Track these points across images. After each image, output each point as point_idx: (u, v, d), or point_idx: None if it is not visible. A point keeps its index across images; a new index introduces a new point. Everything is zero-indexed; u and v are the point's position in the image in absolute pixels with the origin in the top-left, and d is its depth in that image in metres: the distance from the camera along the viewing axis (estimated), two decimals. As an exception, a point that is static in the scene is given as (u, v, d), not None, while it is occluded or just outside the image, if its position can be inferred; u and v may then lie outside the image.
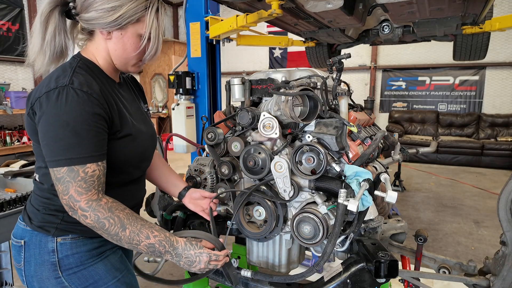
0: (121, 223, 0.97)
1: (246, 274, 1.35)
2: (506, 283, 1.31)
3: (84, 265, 1.08)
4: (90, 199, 0.95)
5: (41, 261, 1.06)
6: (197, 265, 1.06)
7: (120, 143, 1.06)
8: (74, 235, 1.07)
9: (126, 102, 1.15)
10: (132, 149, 1.11)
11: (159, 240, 1.01)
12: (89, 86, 0.96)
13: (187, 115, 3.81)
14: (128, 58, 1.09)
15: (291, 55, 9.63)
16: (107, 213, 0.96)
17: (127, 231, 0.97)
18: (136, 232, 0.98)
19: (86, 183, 0.94)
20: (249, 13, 2.68)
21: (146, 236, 0.99)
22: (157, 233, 1.02)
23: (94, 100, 0.96)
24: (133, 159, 1.13)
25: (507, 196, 1.28)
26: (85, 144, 0.94)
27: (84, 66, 1.04)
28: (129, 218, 0.99)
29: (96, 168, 0.96)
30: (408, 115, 8.30)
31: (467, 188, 5.53)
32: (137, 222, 1.00)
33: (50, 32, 1.04)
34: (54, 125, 0.93)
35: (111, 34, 1.05)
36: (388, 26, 3.13)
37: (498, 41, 7.42)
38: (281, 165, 1.26)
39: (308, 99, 1.31)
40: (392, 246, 1.65)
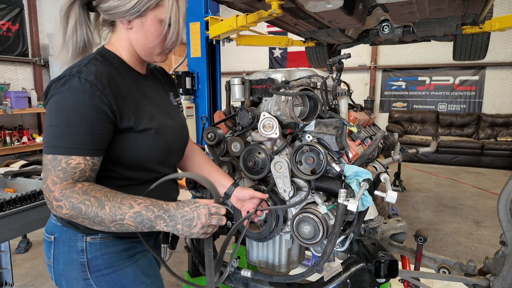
0: (98, 202, 0.88)
1: (246, 274, 1.36)
2: (506, 283, 1.31)
3: (114, 267, 1.03)
4: (64, 188, 0.88)
5: (69, 260, 1.01)
6: (197, 222, 0.93)
7: (139, 138, 1.00)
8: (104, 234, 1.02)
9: (150, 94, 1.10)
10: (155, 143, 1.04)
11: (145, 206, 0.91)
12: (96, 76, 0.92)
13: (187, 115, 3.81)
14: (151, 47, 1.04)
15: (291, 55, 9.63)
16: (82, 196, 0.88)
17: (106, 208, 0.88)
18: (117, 206, 0.89)
19: (65, 173, 0.88)
20: (249, 13, 2.68)
21: (129, 206, 0.90)
22: (141, 200, 0.92)
23: (97, 91, 0.90)
24: (157, 154, 1.06)
25: (507, 196, 1.28)
26: (74, 135, 0.88)
27: (102, 58, 1.00)
28: (107, 195, 0.90)
29: (81, 162, 0.89)
30: (408, 115, 8.30)
31: (467, 188, 5.53)
32: (117, 196, 0.91)
33: (71, 26, 1.01)
34: (51, 111, 0.90)
35: (131, 23, 1.01)
36: (388, 26, 3.13)
37: (498, 41, 7.43)
38: (281, 165, 1.26)
39: (308, 99, 1.31)
40: (392, 246, 1.65)
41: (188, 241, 1.67)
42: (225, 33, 3.26)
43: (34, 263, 3.05)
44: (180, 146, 1.20)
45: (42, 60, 7.28)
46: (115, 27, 1.05)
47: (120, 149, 0.98)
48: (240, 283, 1.39)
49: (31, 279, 2.78)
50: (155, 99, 1.11)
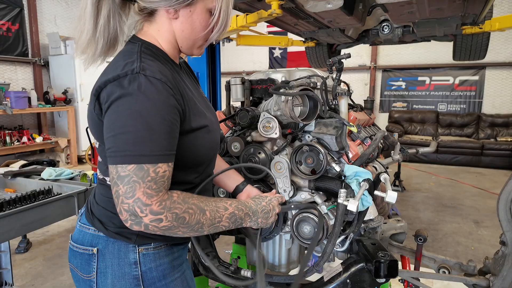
0: (200, 208, 0.87)
1: (246, 274, 1.35)
2: (506, 283, 1.31)
3: (166, 279, 0.96)
4: (162, 200, 0.80)
5: (120, 274, 0.92)
6: (272, 213, 1.06)
7: (198, 137, 0.93)
8: (156, 243, 0.95)
9: (192, 88, 1.01)
10: (209, 141, 0.99)
11: (236, 206, 0.97)
12: (162, 74, 0.83)
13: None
14: (196, 39, 0.96)
15: (291, 55, 9.63)
16: (184, 205, 0.84)
17: (207, 213, 0.88)
18: (215, 210, 0.90)
19: (157, 183, 0.80)
20: (249, 13, 2.68)
21: (224, 208, 0.93)
22: (230, 201, 0.97)
23: (169, 90, 0.83)
24: (210, 151, 1.02)
25: (506, 196, 1.28)
26: (157, 140, 0.79)
27: (148, 51, 0.90)
28: (202, 201, 0.89)
29: (167, 169, 0.82)
30: (408, 115, 8.30)
31: (467, 188, 5.53)
32: (209, 201, 0.91)
33: (104, 16, 0.88)
34: (123, 115, 0.78)
35: (178, 13, 0.91)
36: (388, 26, 3.13)
37: (498, 41, 7.43)
38: (281, 165, 1.26)
39: (308, 99, 1.31)
40: (392, 246, 1.65)
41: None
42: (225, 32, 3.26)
43: (34, 263, 3.05)
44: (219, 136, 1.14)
45: (42, 60, 7.28)
46: (154, 16, 0.94)
47: (182, 151, 0.90)
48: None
49: (31, 279, 2.78)
50: (195, 92, 1.03)
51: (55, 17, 7.61)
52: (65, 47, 6.96)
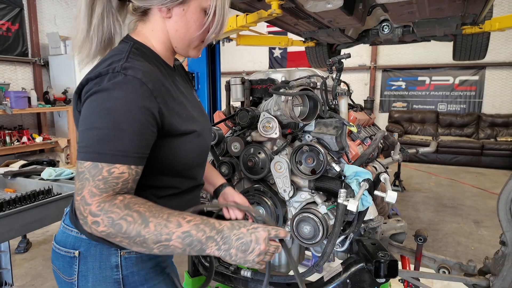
0: (142, 218, 0.75)
1: (246, 274, 1.36)
2: (506, 283, 1.31)
3: (148, 283, 0.94)
4: (103, 201, 0.75)
5: (102, 277, 0.90)
6: (254, 247, 0.79)
7: (185, 141, 0.91)
8: None
9: (184, 91, 0.99)
10: (198, 146, 0.96)
11: (195, 225, 0.76)
12: (145, 74, 0.81)
13: (187, 115, 3.82)
14: (191, 39, 0.93)
15: (291, 55, 9.63)
16: (123, 211, 0.75)
17: (151, 226, 0.74)
18: (163, 224, 0.75)
19: (106, 184, 0.76)
20: (249, 13, 2.68)
21: (176, 224, 0.76)
22: (191, 217, 0.78)
23: (147, 91, 0.79)
24: (200, 157, 0.99)
25: (506, 196, 1.28)
26: (122, 139, 0.76)
27: (139, 51, 0.88)
28: (151, 210, 0.77)
29: (126, 171, 0.77)
30: (408, 115, 8.30)
31: (467, 188, 5.53)
32: (163, 211, 0.77)
33: (97, 14, 0.87)
34: (94, 111, 0.77)
35: (171, 11, 0.89)
36: (388, 26, 3.13)
37: (498, 41, 7.43)
38: (281, 165, 1.26)
39: (308, 99, 1.31)
40: (392, 246, 1.65)
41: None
42: (225, 33, 3.26)
43: (34, 263, 3.04)
44: (210, 144, 1.12)
45: (42, 60, 7.27)
46: (148, 15, 0.93)
47: (167, 155, 0.88)
48: (240, 283, 1.39)
49: (31, 279, 2.78)
50: (188, 96, 1.00)
51: (55, 17, 7.61)
52: (65, 47, 6.96)
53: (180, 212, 0.79)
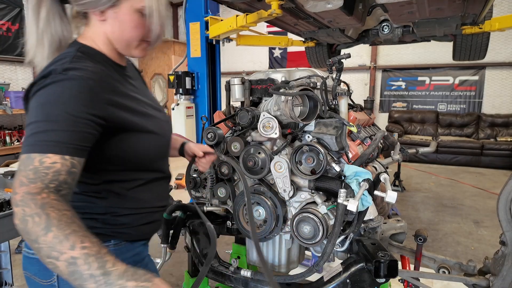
0: (47, 224, 0.69)
1: (246, 274, 1.36)
2: (506, 283, 1.31)
3: None
4: (28, 192, 0.72)
5: None
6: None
7: (143, 138, 0.95)
8: (116, 240, 0.95)
9: (137, 89, 1.03)
10: (157, 142, 1.00)
11: (86, 254, 0.68)
12: (86, 72, 0.83)
13: (187, 115, 3.82)
14: (129, 40, 0.96)
15: (291, 55, 9.63)
16: (36, 209, 0.70)
17: (49, 235, 0.68)
18: (61, 238, 0.68)
19: (36, 173, 0.73)
20: (249, 13, 2.68)
21: (71, 246, 0.68)
22: (89, 244, 0.70)
23: (87, 87, 0.81)
24: (160, 151, 1.03)
25: (506, 196, 1.28)
26: (55, 130, 0.77)
27: (85, 54, 0.91)
28: (61, 220, 0.70)
29: (58, 161, 0.75)
30: (408, 115, 8.30)
31: (466, 188, 5.53)
32: (69, 227, 0.70)
33: (43, 18, 0.91)
34: (32, 108, 0.80)
35: (104, 14, 0.92)
36: (388, 26, 3.13)
37: (497, 41, 7.43)
38: (281, 165, 1.26)
39: (308, 99, 1.31)
40: (392, 246, 1.65)
41: (188, 241, 1.67)
42: (225, 33, 3.26)
43: (34, 263, 3.04)
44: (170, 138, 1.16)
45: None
46: (88, 19, 0.96)
47: (125, 150, 0.92)
48: (240, 283, 1.39)
49: (31, 279, 2.77)
50: (142, 92, 1.04)
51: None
52: (65, 47, 6.96)
53: (84, 234, 0.71)
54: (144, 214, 1.02)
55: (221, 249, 2.94)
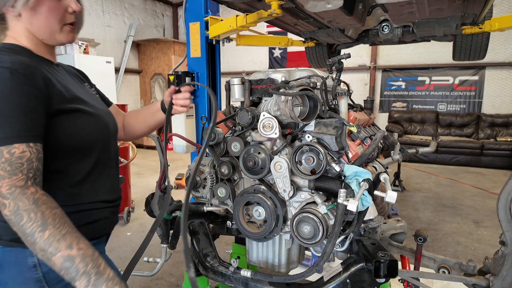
0: (43, 221, 0.78)
1: (246, 274, 1.36)
2: (506, 283, 1.31)
3: None
4: (13, 185, 0.79)
5: (22, 280, 0.92)
6: None
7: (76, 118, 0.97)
8: None
9: (69, 81, 1.06)
10: (92, 124, 1.01)
11: (83, 255, 0.78)
12: (13, 63, 0.85)
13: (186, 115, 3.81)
14: (49, 26, 0.96)
15: (291, 55, 9.63)
16: (30, 205, 0.78)
17: (46, 233, 0.77)
18: (58, 237, 0.77)
19: (11, 165, 0.79)
20: (248, 13, 2.68)
21: (68, 245, 0.77)
22: (84, 245, 0.80)
23: (21, 77, 0.84)
24: (99, 135, 1.04)
25: (506, 196, 1.28)
26: (10, 123, 0.81)
27: (10, 50, 0.93)
28: (55, 219, 0.79)
29: (26, 150, 0.82)
30: (408, 115, 8.30)
31: (466, 188, 5.53)
32: (64, 226, 0.80)
33: None
34: None
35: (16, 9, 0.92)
36: (388, 26, 3.13)
37: (497, 41, 7.43)
38: (281, 165, 1.26)
39: (308, 99, 1.31)
40: (392, 246, 1.65)
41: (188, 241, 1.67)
42: (225, 33, 3.26)
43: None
44: (115, 130, 1.17)
45: (41, 60, 7.28)
46: (6, 20, 0.97)
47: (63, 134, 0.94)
48: (240, 283, 1.39)
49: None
50: (74, 85, 1.07)
51: None
52: (65, 47, 6.96)
53: (78, 236, 0.81)
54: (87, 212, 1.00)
55: (221, 249, 2.94)
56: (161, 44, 9.75)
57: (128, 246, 3.43)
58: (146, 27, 10.39)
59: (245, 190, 1.39)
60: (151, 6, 10.54)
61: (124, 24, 9.59)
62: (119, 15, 9.40)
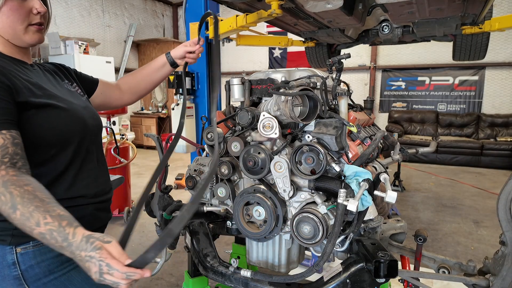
0: (12, 202, 0.77)
1: (246, 274, 1.36)
2: (506, 283, 1.31)
3: (55, 273, 0.96)
4: None
5: (0, 277, 0.92)
6: (90, 273, 0.75)
7: (50, 113, 0.97)
8: (36, 241, 0.93)
9: (42, 78, 1.06)
10: (67, 119, 1.01)
11: (50, 230, 0.76)
12: None
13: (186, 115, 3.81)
14: (12, 27, 0.97)
15: (290, 55, 9.63)
16: (0, 188, 0.79)
17: (17, 213, 0.77)
18: (27, 216, 0.77)
19: None
20: (248, 13, 2.68)
21: (36, 222, 0.76)
22: (51, 219, 0.77)
23: None
24: (74, 129, 1.04)
25: (506, 196, 1.28)
26: None
27: None
28: (23, 197, 0.78)
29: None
30: (408, 115, 8.30)
31: (466, 188, 5.53)
32: (32, 202, 0.78)
33: None
34: None
35: None
36: (388, 26, 3.13)
37: (497, 41, 7.43)
38: (281, 165, 1.26)
39: (308, 99, 1.31)
40: (392, 246, 1.65)
41: (188, 241, 1.67)
42: (225, 33, 3.25)
43: (34, 263, 3.04)
44: (95, 125, 1.15)
45: (42, 60, 7.27)
46: None
47: (36, 128, 0.94)
48: (239, 283, 1.39)
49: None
50: (48, 83, 1.07)
51: (55, 17, 7.60)
52: (65, 47, 6.97)
53: (46, 208, 0.78)
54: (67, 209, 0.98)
55: (221, 249, 2.94)
56: (161, 44, 9.75)
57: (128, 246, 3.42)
58: (146, 27, 10.39)
59: (245, 190, 1.39)
60: (151, 6, 10.54)
61: (124, 24, 9.59)
62: (119, 15, 9.41)
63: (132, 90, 1.46)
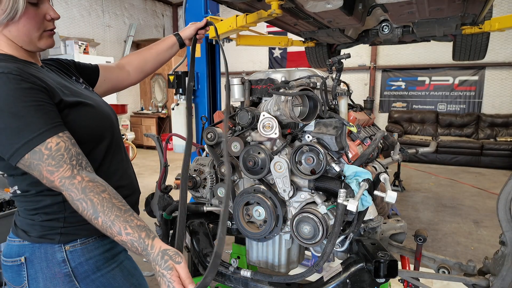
0: (94, 209, 0.83)
1: (245, 274, 1.36)
2: (506, 283, 1.31)
3: (101, 270, 1.01)
4: (62, 177, 0.84)
5: (51, 275, 0.95)
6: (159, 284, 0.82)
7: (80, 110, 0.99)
8: (83, 238, 0.99)
9: (59, 78, 1.06)
10: (97, 115, 1.04)
11: (131, 240, 0.83)
12: (6, 68, 0.86)
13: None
14: (28, 34, 0.97)
15: (290, 55, 9.63)
16: (80, 195, 0.84)
17: (99, 220, 0.83)
18: (109, 224, 0.83)
19: (54, 159, 0.84)
20: (248, 13, 2.68)
21: (118, 231, 0.83)
22: (131, 230, 0.84)
23: (16, 77, 0.86)
24: (105, 123, 1.07)
25: (506, 196, 1.28)
26: (31, 122, 0.83)
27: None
28: (103, 205, 0.84)
29: (59, 140, 0.86)
30: (408, 115, 8.30)
31: (466, 188, 5.53)
32: (112, 211, 0.84)
33: None
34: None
35: None
36: (388, 26, 3.13)
37: (497, 41, 7.43)
38: (281, 165, 1.26)
39: (308, 99, 1.31)
40: (392, 246, 1.65)
41: (188, 241, 1.67)
42: (225, 33, 3.25)
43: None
44: (116, 119, 1.18)
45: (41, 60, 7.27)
46: None
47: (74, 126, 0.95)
48: (239, 283, 1.39)
49: (30, 279, 2.77)
50: (65, 81, 1.07)
51: None
52: (65, 47, 6.97)
53: (125, 219, 0.85)
54: None
55: (221, 249, 2.93)
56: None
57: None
58: (146, 27, 10.39)
59: (245, 190, 1.39)
60: (151, 6, 10.55)
61: (124, 24, 9.59)
62: (119, 15, 9.41)
63: (139, 69, 1.46)
